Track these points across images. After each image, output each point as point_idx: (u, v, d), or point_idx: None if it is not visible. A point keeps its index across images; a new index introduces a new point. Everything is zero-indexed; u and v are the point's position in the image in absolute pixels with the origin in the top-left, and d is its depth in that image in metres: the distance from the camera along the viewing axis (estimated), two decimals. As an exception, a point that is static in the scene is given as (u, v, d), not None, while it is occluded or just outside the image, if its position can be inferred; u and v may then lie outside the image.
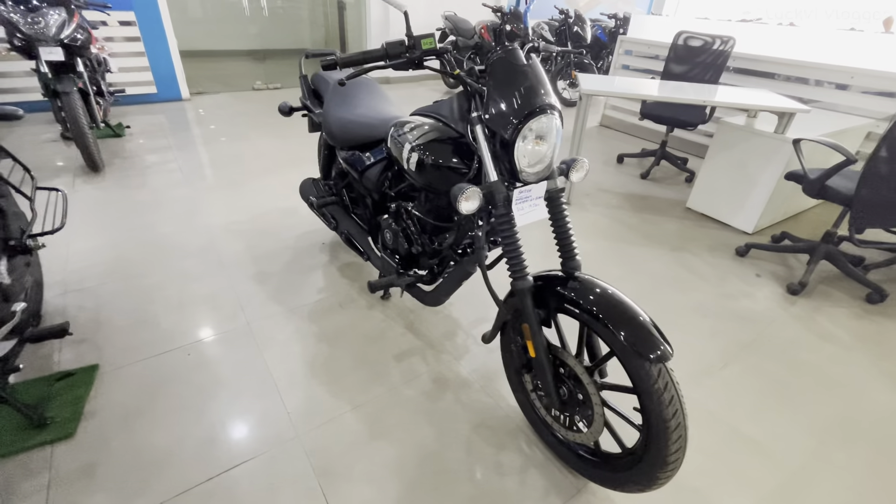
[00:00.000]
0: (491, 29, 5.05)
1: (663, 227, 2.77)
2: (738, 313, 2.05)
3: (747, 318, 2.03)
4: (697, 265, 2.40)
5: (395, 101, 1.95)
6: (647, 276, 2.27)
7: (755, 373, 1.73)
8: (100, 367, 1.54)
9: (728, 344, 1.86)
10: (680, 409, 0.97)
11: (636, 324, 0.99)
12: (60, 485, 1.19)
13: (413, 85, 6.18)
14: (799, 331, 1.97)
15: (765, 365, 1.77)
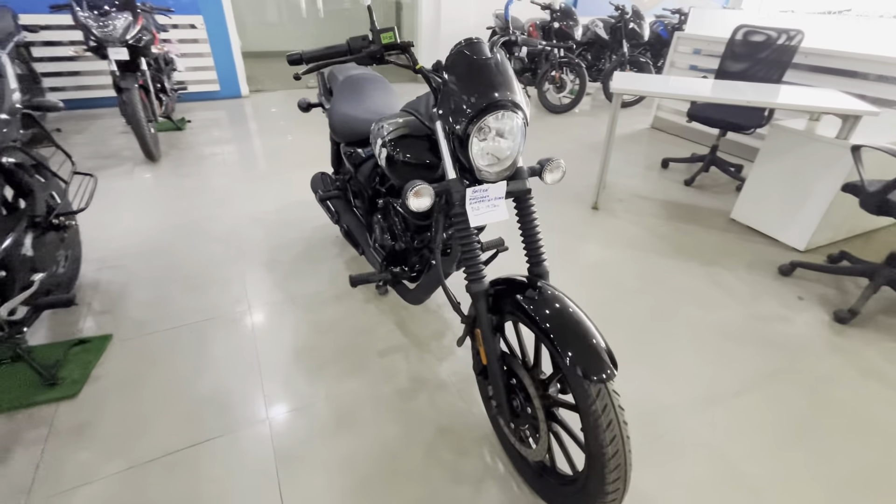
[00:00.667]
0: (540, 27, 4.91)
1: (699, 239, 2.55)
2: (767, 338, 1.83)
3: (778, 344, 1.81)
4: (730, 282, 2.18)
5: (405, 98, 1.95)
6: (668, 290, 2.10)
7: (773, 406, 1.54)
8: (112, 338, 1.70)
9: (747, 370, 1.67)
10: (619, 435, 0.88)
11: (582, 340, 0.91)
12: (56, 439, 1.33)
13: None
14: (839, 364, 1.73)
15: (787, 398, 1.57)
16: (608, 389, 0.89)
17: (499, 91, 1.00)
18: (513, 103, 1.01)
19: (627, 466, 0.90)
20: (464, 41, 1.06)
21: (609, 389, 0.89)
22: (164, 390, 1.50)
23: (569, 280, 2.15)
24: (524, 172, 1.15)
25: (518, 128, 1.04)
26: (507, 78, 1.03)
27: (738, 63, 3.14)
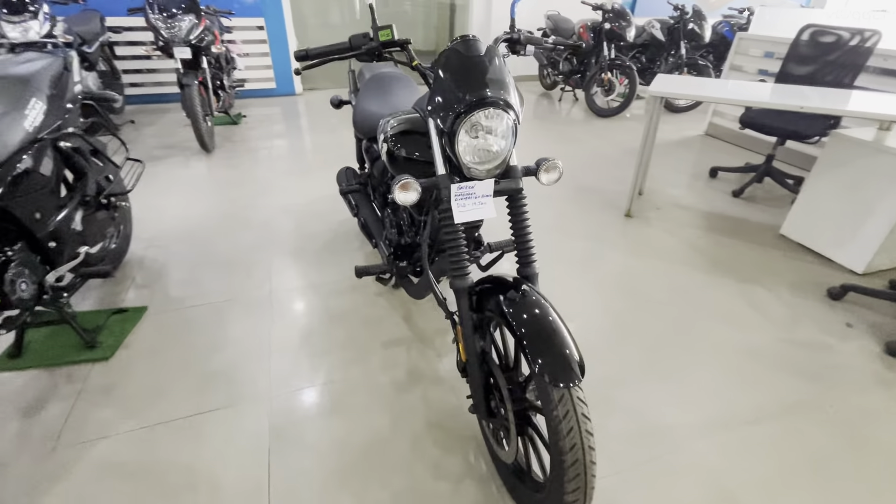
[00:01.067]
0: (591, 28, 4.77)
1: (740, 254, 2.37)
2: (801, 365, 1.68)
3: (813, 373, 1.65)
4: (768, 302, 2.02)
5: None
6: (696, 305, 1.98)
7: (793, 438, 1.41)
8: (147, 310, 1.86)
9: (771, 397, 1.54)
10: (580, 444, 0.85)
11: (553, 346, 0.89)
12: (86, 395, 1.48)
13: (509, 86, 6.12)
14: (885, 400, 1.55)
15: (814, 432, 1.43)
16: (572, 396, 0.86)
17: (488, 88, 1.00)
18: (503, 101, 1.00)
19: (588, 477, 0.87)
20: (459, 38, 1.07)
21: (573, 396, 0.87)
22: (182, 361, 1.62)
23: (587, 286, 2.08)
24: (517, 171, 1.14)
25: (507, 126, 1.03)
26: (498, 76, 1.03)
27: (803, 66, 2.90)
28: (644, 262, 2.29)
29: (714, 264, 2.28)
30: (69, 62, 1.73)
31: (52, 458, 1.28)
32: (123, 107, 4.29)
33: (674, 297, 2.04)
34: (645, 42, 5.24)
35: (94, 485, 1.22)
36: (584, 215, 2.73)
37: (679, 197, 3.01)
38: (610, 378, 1.61)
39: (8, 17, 2.95)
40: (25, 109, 1.44)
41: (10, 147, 1.34)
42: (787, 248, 2.44)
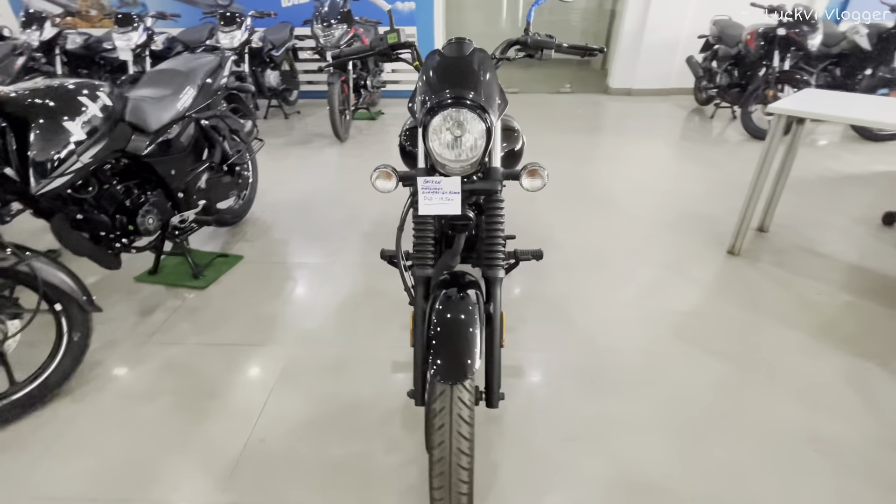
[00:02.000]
0: (761, 35, 4.05)
1: (873, 325, 1.84)
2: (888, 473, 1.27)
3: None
4: (884, 390, 1.54)
5: None
6: (762, 369, 1.63)
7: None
8: (243, 258, 2.32)
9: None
10: (448, 442, 0.85)
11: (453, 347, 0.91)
12: (181, 311, 1.95)
13: (656, 100, 5.60)
14: None
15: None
16: (452, 394, 0.86)
17: (459, 88, 1.04)
18: (472, 102, 1.03)
19: (454, 480, 0.86)
20: (454, 39, 1.12)
21: (454, 394, 0.87)
22: (248, 303, 2.00)
23: (635, 318, 1.87)
24: (497, 173, 1.14)
25: (475, 126, 1.05)
26: (474, 77, 1.05)
27: None
28: (723, 307, 1.95)
29: (825, 328, 1.82)
30: (223, 62, 2.26)
31: (142, 348, 1.74)
32: (297, 99, 5.25)
33: (739, 353, 1.70)
34: (843, 52, 4.25)
35: (156, 373, 1.63)
36: (675, 243, 2.42)
37: (818, 242, 2.43)
38: (604, 417, 1.45)
39: (223, 28, 3.91)
40: (181, 94, 1.96)
41: (164, 120, 1.85)
42: (959, 331, 1.79)
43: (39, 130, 1.39)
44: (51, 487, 1.26)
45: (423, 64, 1.14)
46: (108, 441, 1.39)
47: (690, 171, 3.36)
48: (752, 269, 2.22)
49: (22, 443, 1.38)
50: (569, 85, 6.08)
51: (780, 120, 1.98)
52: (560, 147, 3.89)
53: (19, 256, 1.37)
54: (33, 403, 1.47)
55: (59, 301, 1.48)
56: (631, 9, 5.34)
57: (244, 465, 1.31)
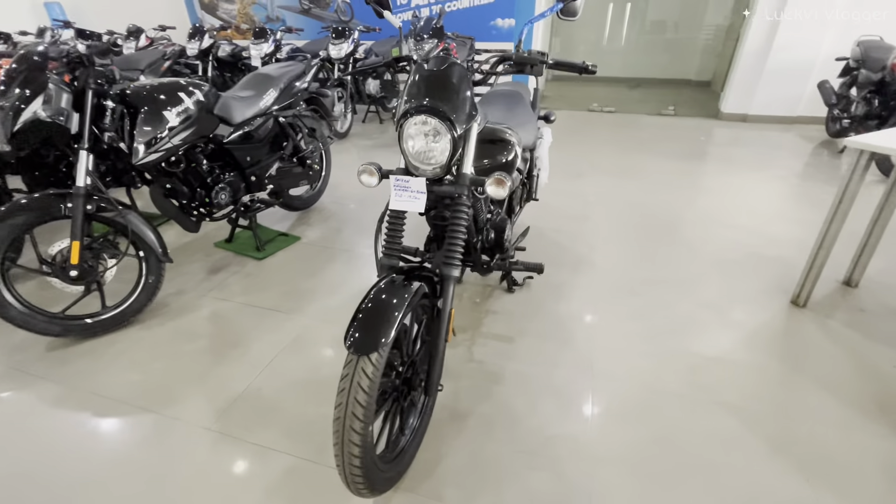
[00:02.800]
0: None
1: (956, 411, 1.49)
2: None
3: None
4: (934, 488, 1.26)
5: (520, 113, 2.05)
6: (786, 440, 1.43)
7: None
8: (300, 239, 2.65)
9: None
10: (345, 406, 0.95)
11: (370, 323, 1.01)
12: (237, 275, 2.31)
13: (776, 128, 4.96)
14: None
15: None
16: (357, 364, 0.96)
17: (431, 99, 1.14)
18: (439, 111, 1.13)
19: (346, 440, 0.95)
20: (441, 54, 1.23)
21: (359, 365, 0.96)
22: (292, 277, 2.29)
23: (643, 351, 1.76)
24: (465, 179, 1.22)
25: (445, 134, 1.14)
26: (447, 90, 1.15)
27: None
28: (758, 358, 1.73)
29: (885, 407, 1.52)
30: (307, 69, 2.63)
31: (200, 299, 2.12)
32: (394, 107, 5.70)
33: (756, 411, 1.51)
34: None
35: (202, 320, 1.97)
36: (730, 284, 2.18)
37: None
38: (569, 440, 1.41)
39: (334, 41, 4.44)
40: (264, 95, 2.33)
41: (246, 115, 2.23)
42: None
43: (144, 116, 1.80)
44: (105, 388, 1.62)
45: (410, 74, 1.26)
46: (153, 364, 1.73)
47: (789, 210, 2.96)
48: (815, 324, 1.91)
49: (98, 352, 1.79)
50: (672, 107, 5.67)
51: (860, 156, 1.70)
52: (637, 171, 3.69)
53: (119, 210, 1.79)
54: (114, 325, 1.89)
55: (143, 249, 1.89)
56: (756, 25, 4.82)
57: (238, 405, 1.55)
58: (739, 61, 5.04)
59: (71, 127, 1.67)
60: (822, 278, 2.20)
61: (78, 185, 1.70)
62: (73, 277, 1.75)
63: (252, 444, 1.41)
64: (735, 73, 5.12)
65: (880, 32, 4.22)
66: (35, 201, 1.67)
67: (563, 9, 1.35)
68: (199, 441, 1.42)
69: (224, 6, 6.15)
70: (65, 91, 1.66)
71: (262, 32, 4.51)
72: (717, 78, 7.34)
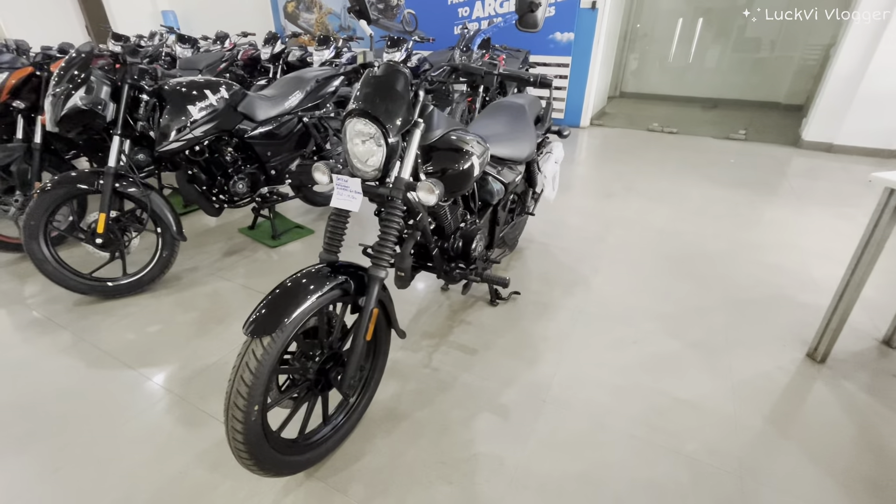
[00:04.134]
0: None
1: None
2: None
3: None
4: None
5: (517, 126, 2.02)
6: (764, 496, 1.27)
7: None
8: (314, 233, 2.81)
9: None
10: (232, 381, 1.01)
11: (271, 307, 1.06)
12: (247, 260, 2.51)
13: (867, 161, 4.35)
14: None
15: None
16: (251, 345, 1.02)
17: (368, 103, 1.18)
18: (373, 115, 1.17)
19: (230, 416, 1.01)
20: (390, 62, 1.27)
21: (251, 346, 1.02)
22: (295, 266, 2.44)
23: (611, 383, 1.64)
24: (400, 182, 1.24)
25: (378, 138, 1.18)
26: (386, 95, 1.18)
27: None
28: (738, 410, 1.54)
29: (878, 489, 1.29)
30: (338, 73, 2.79)
31: (208, 277, 2.33)
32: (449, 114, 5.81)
33: (714, 470, 1.35)
34: None
35: (202, 296, 2.17)
36: (735, 326, 1.97)
37: (980, 383, 1.66)
38: (494, 460, 1.36)
39: (388, 49, 4.65)
40: (290, 96, 2.52)
41: (270, 114, 2.42)
42: None
43: (171, 108, 2.04)
44: (105, 342, 1.85)
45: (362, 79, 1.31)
46: (149, 328, 1.94)
47: (844, 253, 2.59)
48: (826, 383, 1.67)
49: (110, 311, 2.04)
50: (743, 131, 5.19)
51: (887, 195, 1.47)
52: (676, 196, 3.43)
53: (142, 189, 2.04)
54: (130, 290, 2.14)
55: (161, 226, 2.12)
56: (849, 45, 4.28)
57: (203, 376, 1.69)
58: (828, 84, 4.51)
59: (106, 115, 1.94)
60: (860, 334, 1.92)
61: (109, 164, 1.96)
62: (99, 245, 2.01)
63: (201, 411, 1.53)
64: (822, 97, 4.58)
65: None
66: (75, 177, 1.96)
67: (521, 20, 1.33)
68: (159, 400, 1.57)
69: (304, 16, 6.69)
70: (105, 84, 1.93)
71: (325, 40, 4.84)
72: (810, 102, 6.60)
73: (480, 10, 5.51)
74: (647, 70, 7.78)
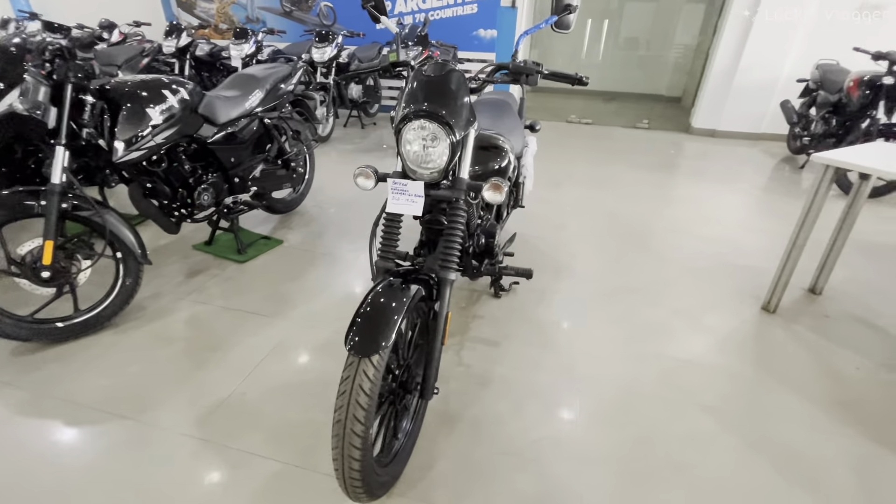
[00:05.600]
0: (865, 83, 3.63)
1: (910, 411, 1.60)
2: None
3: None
4: (888, 479, 1.35)
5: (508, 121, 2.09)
6: (758, 438, 1.50)
7: None
8: (283, 243, 2.62)
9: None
10: (346, 408, 0.95)
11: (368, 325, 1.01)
12: (217, 279, 2.26)
13: (743, 144, 5.21)
14: None
15: None
16: (359, 366, 0.97)
17: (430, 103, 1.16)
18: (439, 116, 1.15)
19: (346, 443, 0.95)
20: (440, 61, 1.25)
21: (360, 367, 0.97)
22: (274, 280, 2.26)
23: (622, 355, 1.81)
24: (461, 183, 1.24)
25: (443, 139, 1.16)
26: (445, 95, 1.17)
27: None
28: (731, 362, 1.81)
29: (848, 407, 1.62)
30: (294, 71, 2.61)
31: (178, 302, 2.06)
32: (377, 112, 5.69)
33: (730, 412, 1.58)
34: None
35: (181, 324, 1.92)
36: (701, 291, 2.28)
37: (877, 313, 2.14)
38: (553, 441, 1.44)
39: (317, 44, 4.42)
40: (250, 96, 2.30)
41: (231, 116, 2.19)
42: None
43: (127, 113, 1.75)
44: (75, 394, 1.55)
45: (408, 79, 1.28)
46: (128, 369, 1.67)
47: (755, 222, 3.11)
48: (784, 329, 2.02)
49: (69, 357, 1.72)
50: (646, 121, 5.88)
51: (827, 172, 1.82)
52: (612, 181, 3.80)
53: (96, 209, 1.73)
54: (87, 329, 1.81)
55: (121, 250, 1.82)
56: (724, 46, 5.07)
57: (222, 411, 1.51)
58: (709, 79, 5.29)
59: (48, 121, 1.61)
60: (791, 286, 2.33)
61: (53, 181, 1.63)
62: (45, 279, 1.68)
63: (236, 449, 1.38)
64: (705, 90, 5.36)
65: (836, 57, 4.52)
66: (5, 198, 1.60)
67: (557, 22, 1.40)
68: (178, 448, 1.38)
69: (202, 5, 6.02)
70: (43, 84, 1.60)
71: (243, 33, 4.44)
72: (686, 94, 7.65)
73: (403, 6, 5.47)
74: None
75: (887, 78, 3.42)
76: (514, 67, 1.36)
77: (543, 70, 1.36)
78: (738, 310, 2.14)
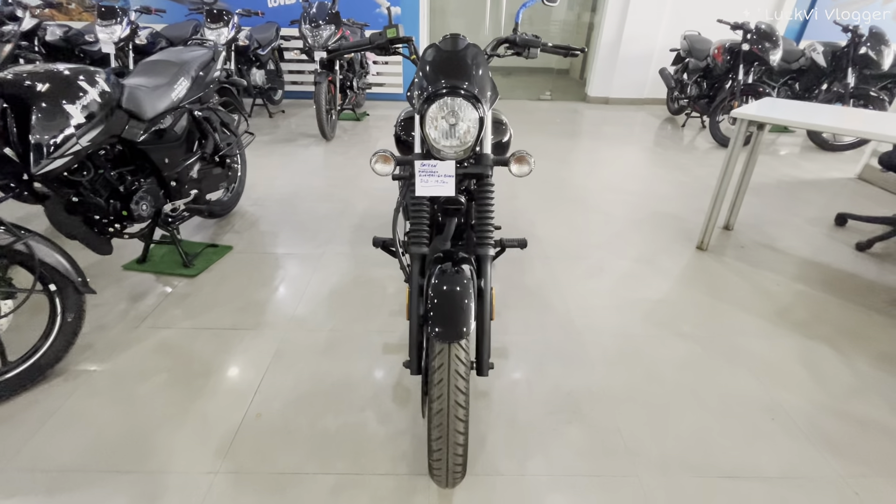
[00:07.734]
0: (727, 50, 4.32)
1: (825, 312, 2.01)
2: (835, 439, 1.41)
3: (850, 451, 1.38)
4: (831, 366, 1.70)
5: None
6: (726, 349, 1.77)
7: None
8: (232, 249, 2.35)
9: (773, 461, 1.34)
10: (447, 396, 0.93)
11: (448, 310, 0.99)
12: (170, 298, 1.97)
13: (631, 108, 5.85)
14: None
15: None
16: (450, 352, 0.95)
17: (454, 79, 1.13)
18: (465, 91, 1.13)
19: (451, 431, 0.94)
20: (450, 35, 1.22)
21: (451, 352, 0.95)
22: (239, 289, 2.04)
23: (613, 304, 2.00)
24: (487, 159, 1.24)
25: (470, 114, 1.14)
26: (467, 69, 1.15)
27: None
28: (691, 294, 2.09)
29: (782, 315, 1.98)
30: (216, 55, 2.30)
31: (133, 332, 1.76)
32: (282, 99, 5.26)
33: (704, 336, 1.84)
34: (802, 68, 4.56)
35: (149, 355, 1.65)
36: (647, 239, 2.57)
37: (777, 239, 2.62)
38: (584, 392, 1.56)
39: (209, 24, 3.92)
40: (175, 84, 1.99)
41: (158, 109, 1.88)
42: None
43: (41, 113, 1.42)
44: (42, 460, 1.27)
45: (421, 57, 1.23)
46: (103, 416, 1.41)
47: (662, 174, 3.55)
48: (717, 262, 2.38)
49: (14, 419, 1.39)
50: (549, 92, 6.28)
51: (742, 125, 2.16)
52: (539, 150, 4.04)
53: (17, 235, 1.39)
54: (25, 383, 1.47)
55: (54, 282, 1.49)
56: (608, 21, 5.58)
57: (243, 437, 1.36)
58: (599, 51, 5.80)
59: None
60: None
61: (-47, 206, 1.27)
62: (-40, 330, 1.32)
63: (278, 473, 1.26)
64: (596, 61, 5.88)
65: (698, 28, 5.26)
66: None
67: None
68: (211, 488, 1.22)
69: (37, -22, 4.91)
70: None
71: (110, 12, 3.75)
72: (573, 68, 8.30)
73: (294, -18, 5.06)
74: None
75: (745, 45, 4.08)
76: (521, 41, 1.37)
77: (547, 44, 1.40)
78: (680, 252, 2.47)
